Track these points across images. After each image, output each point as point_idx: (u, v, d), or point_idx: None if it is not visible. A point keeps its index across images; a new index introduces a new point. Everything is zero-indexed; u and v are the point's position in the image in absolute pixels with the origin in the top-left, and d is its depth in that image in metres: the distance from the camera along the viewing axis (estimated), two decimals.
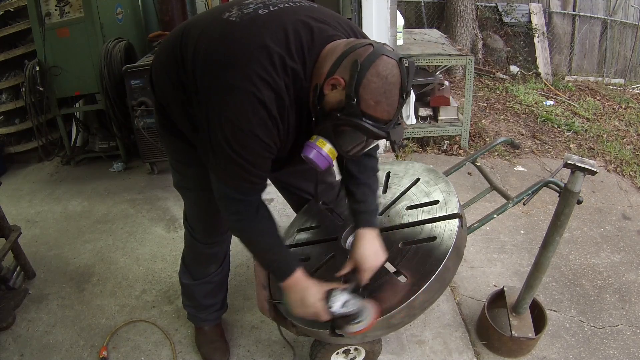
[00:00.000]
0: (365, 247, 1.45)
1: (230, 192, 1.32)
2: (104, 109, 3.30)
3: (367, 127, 1.15)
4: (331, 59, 1.18)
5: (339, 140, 1.20)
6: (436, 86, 3.70)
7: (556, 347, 1.97)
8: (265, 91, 1.15)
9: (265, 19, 1.22)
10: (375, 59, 1.13)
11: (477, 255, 2.51)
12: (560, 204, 1.59)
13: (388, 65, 1.13)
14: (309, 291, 1.38)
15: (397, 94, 1.15)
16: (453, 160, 3.54)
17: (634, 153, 3.78)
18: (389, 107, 1.15)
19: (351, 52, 1.16)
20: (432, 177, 1.76)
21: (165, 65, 1.39)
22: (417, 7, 6.07)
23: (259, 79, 1.15)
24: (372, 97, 1.13)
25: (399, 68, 1.14)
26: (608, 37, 6.30)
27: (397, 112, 1.17)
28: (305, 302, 1.38)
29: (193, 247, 1.79)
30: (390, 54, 1.15)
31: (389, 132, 1.17)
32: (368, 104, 1.13)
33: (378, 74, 1.12)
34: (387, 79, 1.13)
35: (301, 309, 1.41)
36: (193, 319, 1.96)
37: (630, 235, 2.72)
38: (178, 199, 3.04)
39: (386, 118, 1.16)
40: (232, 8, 1.29)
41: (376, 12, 3.13)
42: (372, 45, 1.16)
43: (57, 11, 3.21)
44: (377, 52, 1.14)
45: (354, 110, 1.14)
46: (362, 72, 1.12)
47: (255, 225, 1.36)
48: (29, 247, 2.61)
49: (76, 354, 1.99)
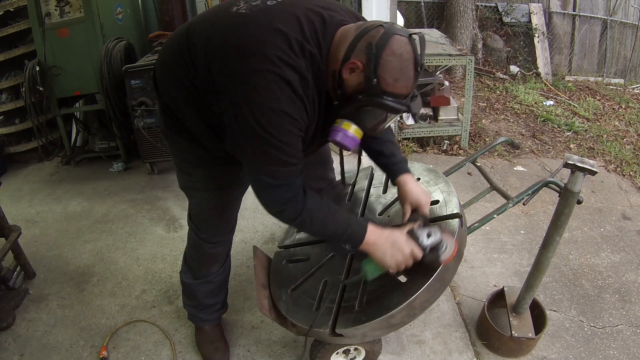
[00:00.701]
0: (415, 189, 1.53)
1: (271, 181, 1.29)
2: (104, 109, 3.30)
3: (389, 104, 1.22)
4: (345, 43, 1.23)
5: (363, 120, 1.26)
6: (436, 86, 3.70)
7: (556, 347, 1.97)
8: (288, 71, 1.18)
9: (275, 9, 1.25)
10: (388, 39, 1.18)
11: (477, 255, 2.51)
12: (560, 204, 1.59)
13: (401, 43, 1.19)
14: (395, 236, 1.38)
15: (412, 68, 1.21)
16: (453, 160, 3.54)
17: (634, 153, 3.78)
18: (407, 82, 1.22)
19: (364, 35, 1.20)
20: (432, 177, 1.76)
21: (171, 66, 1.38)
22: (417, 7, 6.06)
23: (280, 60, 1.17)
24: (390, 75, 1.19)
25: (410, 44, 1.20)
26: (608, 37, 6.30)
27: (414, 85, 1.25)
28: (398, 246, 1.37)
29: (197, 247, 1.78)
30: (400, 32, 1.20)
31: (409, 105, 1.25)
32: (387, 82, 1.20)
33: (393, 52, 1.18)
34: (402, 56, 1.19)
35: (396, 255, 1.37)
36: (193, 318, 1.95)
37: (630, 235, 2.72)
38: (178, 199, 3.05)
39: (405, 93, 1.23)
40: (240, 2, 1.30)
41: (376, 12, 3.13)
42: (382, 27, 1.21)
43: (57, 11, 3.21)
44: (389, 32, 1.19)
45: (375, 89, 1.20)
46: (378, 53, 1.18)
47: (309, 206, 1.33)
48: (29, 247, 2.61)
49: (76, 354, 1.99)
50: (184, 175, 1.63)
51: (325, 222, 1.37)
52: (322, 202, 1.38)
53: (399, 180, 1.55)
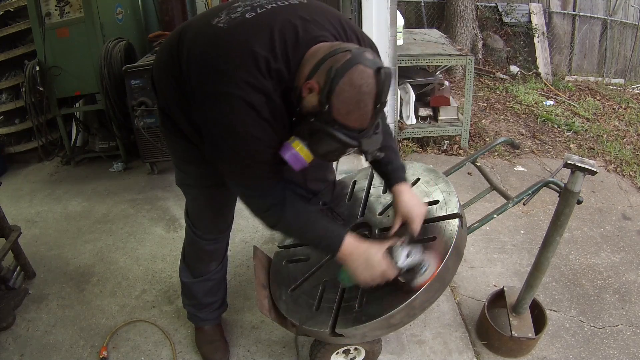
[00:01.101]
0: (408, 200, 1.48)
1: (252, 193, 1.35)
2: (104, 109, 3.30)
3: (337, 135, 1.14)
4: (312, 62, 1.18)
5: (313, 145, 1.20)
6: (436, 86, 3.70)
7: (556, 347, 1.97)
8: (254, 95, 1.18)
9: (251, 23, 1.24)
10: (350, 67, 1.11)
11: (477, 255, 2.51)
12: (560, 204, 1.59)
13: (363, 75, 1.11)
14: (371, 252, 1.36)
15: (370, 104, 1.13)
16: (453, 160, 3.54)
17: (634, 153, 3.78)
18: (361, 116, 1.14)
19: (330, 57, 1.15)
20: (432, 177, 1.76)
21: (165, 66, 1.41)
22: (417, 7, 6.06)
23: (246, 84, 1.17)
24: (343, 105, 1.12)
25: (375, 78, 1.11)
26: (608, 37, 6.29)
27: (371, 121, 1.16)
28: (370, 263, 1.35)
29: (194, 244, 1.79)
30: (367, 63, 1.12)
31: (361, 141, 1.17)
32: (340, 112, 1.13)
33: (351, 82, 1.11)
34: (360, 89, 1.11)
35: (367, 271, 1.36)
36: (193, 318, 1.96)
37: (630, 235, 2.72)
38: (178, 199, 3.05)
39: (358, 127, 1.15)
40: (221, 13, 1.31)
41: (376, 12, 3.13)
42: (350, 52, 1.13)
43: (57, 11, 3.21)
44: (354, 60, 1.12)
45: (326, 116, 1.14)
46: (335, 80, 1.11)
47: (287, 214, 1.36)
48: (29, 247, 2.61)
49: (76, 354, 1.99)
50: (180, 172, 1.66)
51: (303, 231, 1.41)
52: (301, 211, 1.39)
53: (394, 190, 1.51)
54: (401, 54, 3.43)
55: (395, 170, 1.52)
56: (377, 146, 1.23)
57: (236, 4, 1.32)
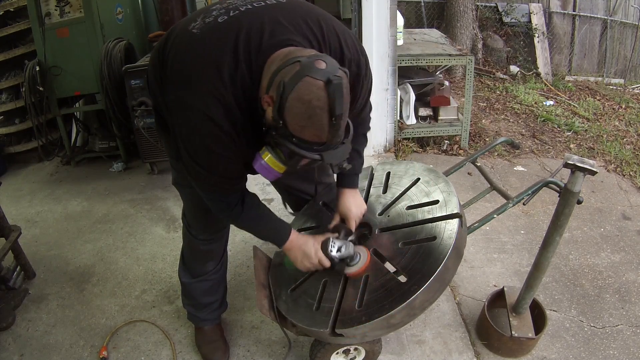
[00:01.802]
0: (349, 201, 1.62)
1: (209, 196, 1.43)
2: (104, 109, 3.30)
3: (296, 150, 1.12)
4: (268, 73, 1.15)
5: (280, 156, 1.20)
6: (436, 86, 3.70)
7: (556, 347, 1.97)
8: (215, 108, 1.18)
9: (221, 28, 1.24)
10: (298, 81, 1.05)
11: (477, 255, 2.51)
12: (560, 204, 1.59)
13: (312, 88, 1.05)
14: (307, 244, 1.52)
15: (324, 117, 1.07)
16: (453, 160, 3.54)
17: (634, 153, 3.78)
18: (317, 130, 1.09)
19: (283, 69, 1.10)
20: (432, 177, 1.76)
21: (154, 68, 1.44)
22: (417, 7, 6.06)
23: (208, 96, 1.18)
24: (296, 121, 1.09)
25: (325, 90, 1.05)
26: (608, 37, 6.29)
27: (331, 134, 1.10)
28: (307, 253, 1.52)
29: (190, 244, 1.80)
30: (316, 74, 1.05)
31: (322, 155, 1.13)
32: (294, 127, 1.10)
33: (300, 97, 1.06)
34: (310, 103, 1.06)
35: (305, 260, 1.53)
36: (193, 318, 1.96)
37: (630, 235, 2.72)
38: (178, 199, 3.03)
39: (317, 141, 1.12)
40: (198, 17, 1.31)
41: (376, 12, 3.14)
42: (299, 63, 1.08)
43: (57, 11, 3.21)
44: (302, 72, 1.06)
45: (283, 131, 1.11)
46: (284, 95, 1.07)
47: (243, 215, 1.46)
48: (29, 247, 2.61)
49: (76, 354, 1.99)
50: (174, 170, 1.69)
51: (256, 229, 1.55)
52: (254, 213, 1.49)
53: (341, 191, 1.64)
54: (401, 54, 3.43)
55: (349, 175, 1.62)
56: (342, 158, 1.18)
57: (213, 7, 1.32)
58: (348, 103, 1.12)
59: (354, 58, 1.32)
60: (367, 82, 1.39)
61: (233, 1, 1.30)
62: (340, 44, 1.30)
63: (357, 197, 1.65)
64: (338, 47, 1.29)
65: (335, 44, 1.29)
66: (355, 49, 1.34)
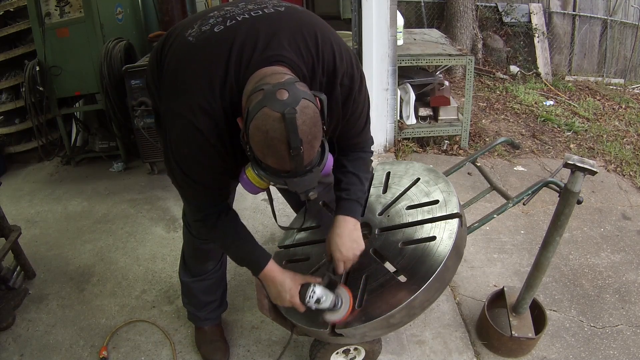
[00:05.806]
0: (340, 236, 1.44)
1: (187, 201, 1.46)
2: (104, 109, 3.30)
3: (262, 174, 1.15)
4: (246, 93, 1.14)
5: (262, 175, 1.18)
6: (436, 86, 3.70)
7: (556, 347, 1.97)
8: (204, 120, 1.19)
9: (216, 39, 1.24)
10: (256, 111, 1.05)
11: (477, 255, 2.51)
12: (560, 204, 1.59)
13: (268, 120, 1.04)
14: (284, 287, 1.44)
15: (283, 149, 1.05)
16: (453, 160, 3.54)
17: (634, 153, 3.78)
18: (278, 160, 1.08)
19: (251, 95, 1.09)
20: (432, 177, 1.76)
21: (152, 69, 1.45)
22: (417, 7, 6.06)
23: (198, 108, 1.19)
24: (258, 148, 1.09)
25: (283, 122, 1.03)
26: (608, 37, 6.29)
27: (293, 163, 1.07)
28: (282, 295, 1.46)
29: (190, 243, 1.80)
30: (274, 106, 1.03)
31: (286, 181, 1.12)
32: (258, 153, 1.11)
33: (258, 127, 1.05)
34: (267, 134, 1.05)
35: (278, 299, 1.49)
36: (193, 318, 1.96)
37: (630, 235, 2.72)
38: (178, 199, 3.05)
39: (280, 169, 1.11)
40: (195, 24, 1.31)
41: (376, 12, 3.13)
42: (263, 91, 1.07)
43: (57, 11, 3.21)
44: (262, 102, 1.05)
45: (252, 155, 1.14)
46: (247, 122, 1.07)
47: (217, 231, 1.43)
48: (29, 247, 2.61)
49: (76, 354, 1.99)
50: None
51: (228, 248, 1.50)
52: (230, 230, 1.44)
53: (336, 219, 1.47)
54: (401, 54, 3.43)
55: (347, 200, 1.47)
56: (309, 186, 1.15)
57: (211, 14, 1.31)
58: (315, 132, 1.09)
59: (347, 71, 1.29)
60: (360, 97, 1.36)
61: (231, 9, 1.30)
62: (334, 56, 1.27)
63: (353, 231, 1.45)
64: (332, 60, 1.27)
65: (329, 56, 1.27)
66: (350, 62, 1.31)
